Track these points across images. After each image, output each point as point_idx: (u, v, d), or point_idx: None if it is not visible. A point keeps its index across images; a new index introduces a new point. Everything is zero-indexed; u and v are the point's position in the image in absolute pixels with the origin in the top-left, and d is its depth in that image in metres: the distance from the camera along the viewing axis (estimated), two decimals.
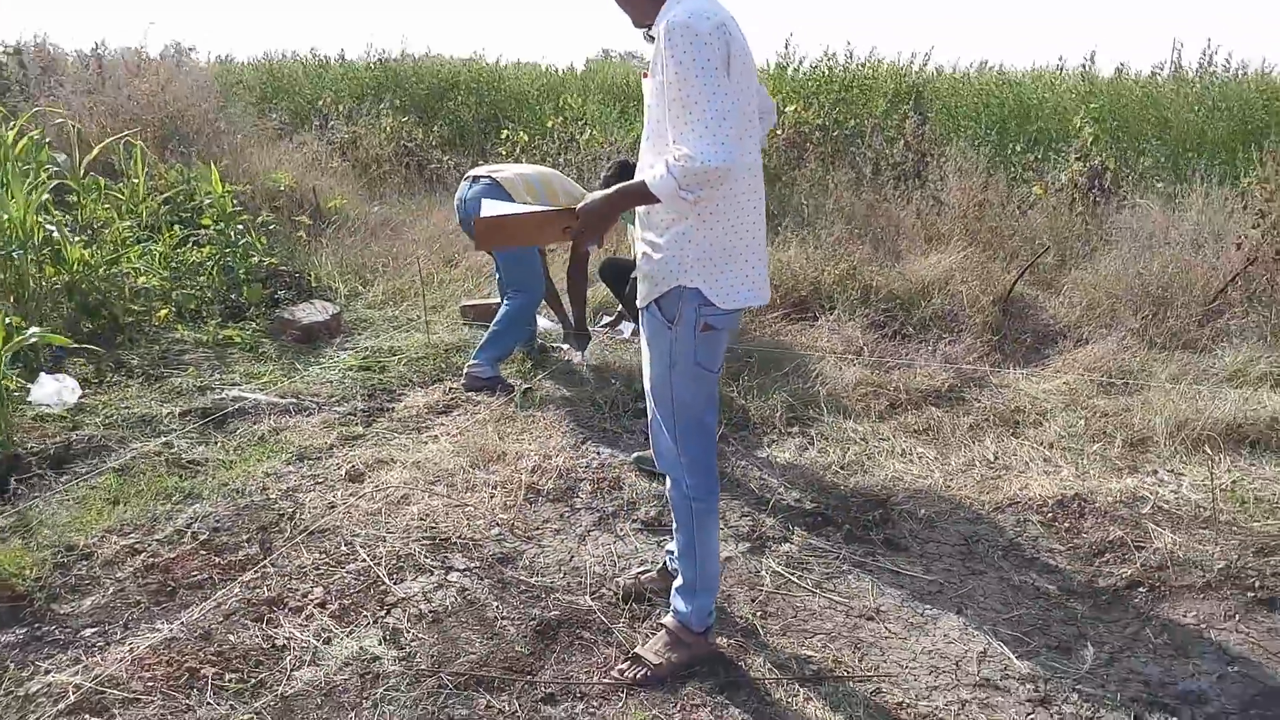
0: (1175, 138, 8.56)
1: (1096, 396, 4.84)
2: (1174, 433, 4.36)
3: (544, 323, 6.02)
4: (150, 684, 2.63)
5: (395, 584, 3.17)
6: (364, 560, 3.30)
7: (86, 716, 2.51)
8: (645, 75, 2.59)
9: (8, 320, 4.56)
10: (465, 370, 5.04)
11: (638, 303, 2.72)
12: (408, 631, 2.92)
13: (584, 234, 2.61)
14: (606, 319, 6.27)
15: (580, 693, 2.69)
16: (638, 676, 2.71)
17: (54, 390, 4.76)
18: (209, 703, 2.57)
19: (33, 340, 4.58)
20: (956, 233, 6.90)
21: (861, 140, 8.55)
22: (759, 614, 3.09)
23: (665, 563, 3.14)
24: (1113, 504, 3.77)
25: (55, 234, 5.66)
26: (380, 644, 2.86)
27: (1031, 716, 2.62)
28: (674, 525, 2.83)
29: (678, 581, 2.84)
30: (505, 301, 5.16)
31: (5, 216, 5.53)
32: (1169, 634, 3.00)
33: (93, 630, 2.90)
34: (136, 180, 6.94)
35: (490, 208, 2.80)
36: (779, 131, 8.22)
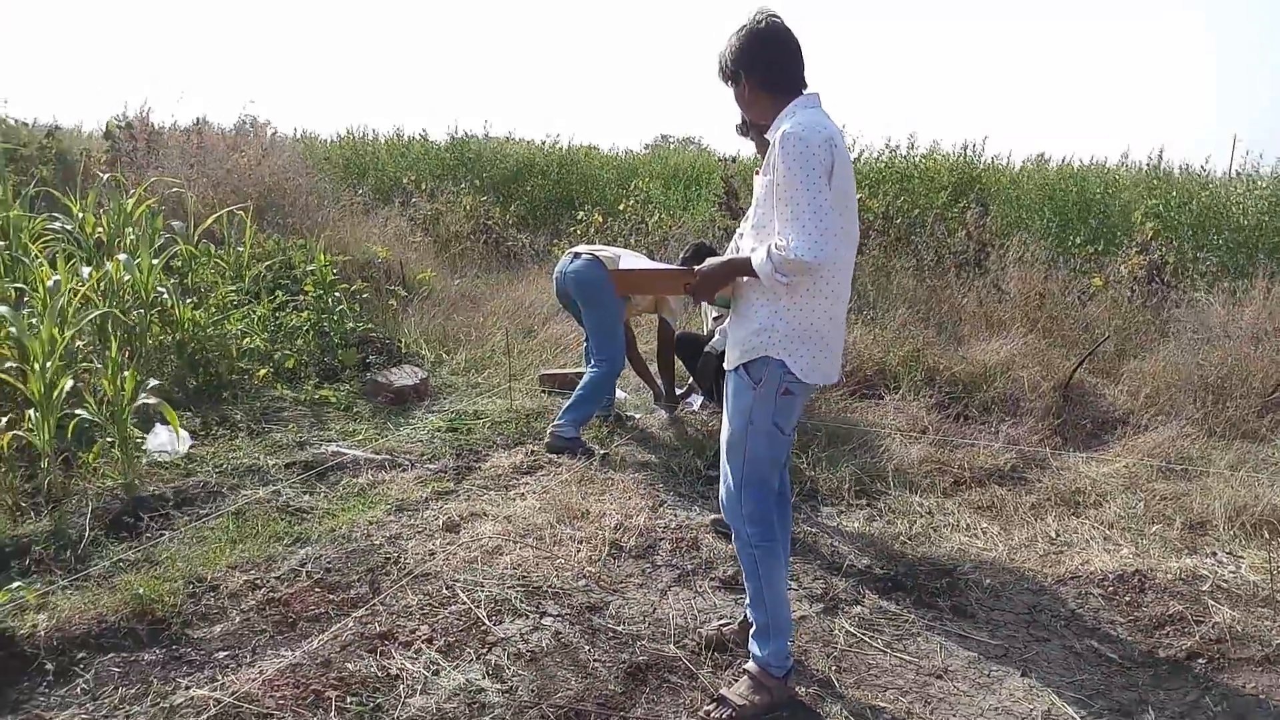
0: (1234, 234, 8.75)
1: (1156, 481, 5.00)
2: (1233, 517, 4.51)
3: (621, 394, 6.31)
4: (281, 702, 2.90)
5: (494, 625, 3.43)
6: (464, 603, 3.56)
7: None
8: (758, 173, 2.98)
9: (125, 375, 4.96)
10: (550, 431, 5.33)
11: (725, 365, 3.04)
12: (508, 668, 3.17)
13: (699, 290, 3.01)
14: (678, 391, 6.54)
15: None
16: (724, 716, 2.93)
17: (167, 440, 5.13)
18: None
19: (149, 397, 4.96)
20: (1017, 320, 7.12)
21: (923, 229, 8.86)
22: (834, 668, 3.29)
23: (746, 615, 3.37)
24: (1172, 581, 3.93)
25: (166, 296, 6.11)
26: (484, 678, 3.10)
27: None
28: (744, 576, 3.09)
29: (753, 628, 3.07)
30: (591, 369, 5.47)
31: (128, 279, 6.01)
32: (1228, 703, 3.15)
33: (225, 653, 3.19)
34: (242, 249, 7.41)
35: (628, 261, 3.29)
36: None
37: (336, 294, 6.92)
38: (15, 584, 3.45)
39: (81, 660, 3.09)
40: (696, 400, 6.36)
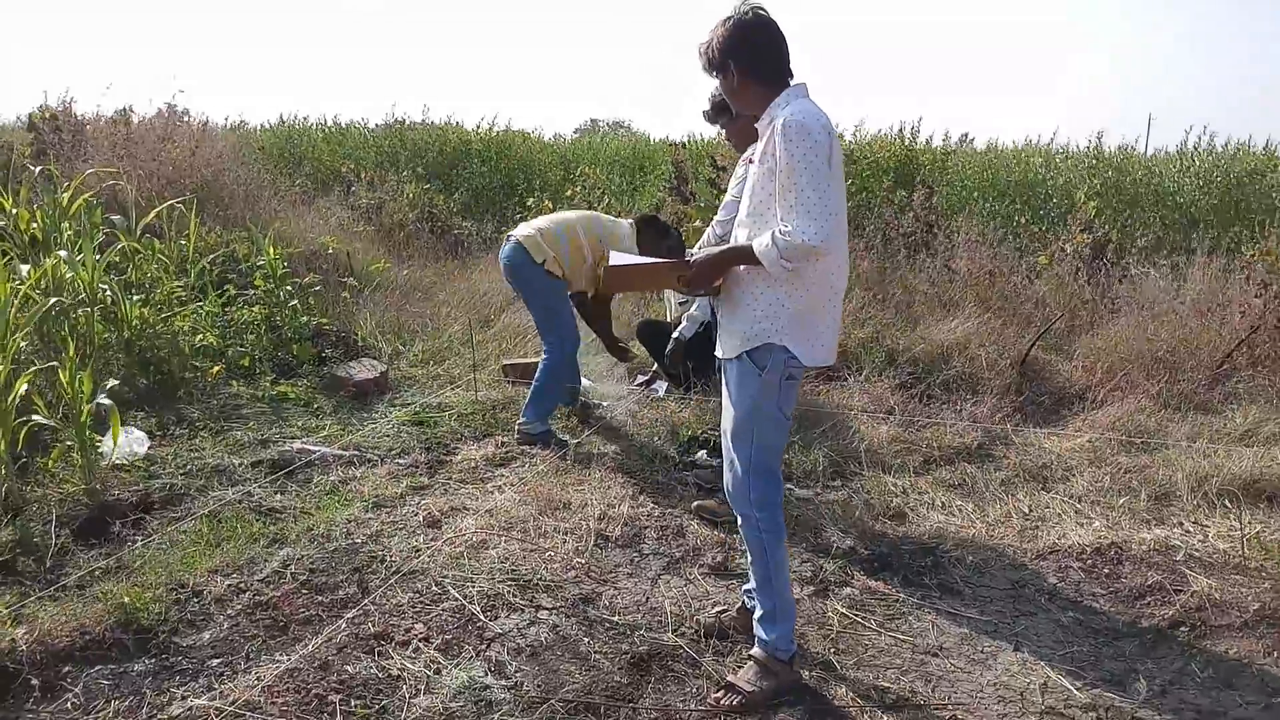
0: (1170, 211, 9.01)
1: (1118, 454, 5.12)
2: (1195, 487, 4.63)
3: (586, 382, 6.26)
4: (285, 709, 2.83)
5: (490, 620, 3.38)
6: (456, 599, 3.51)
7: None
8: (750, 161, 2.97)
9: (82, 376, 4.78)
10: (517, 427, 5.27)
11: (723, 353, 3.03)
12: (510, 664, 3.13)
13: (696, 281, 2.98)
14: (642, 378, 6.53)
15: (681, 718, 2.90)
16: (734, 703, 2.93)
17: (123, 442, 4.96)
18: None
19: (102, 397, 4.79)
20: (969, 299, 7.24)
21: (871, 211, 8.96)
22: (832, 650, 3.32)
23: (744, 602, 3.37)
24: (1147, 552, 4.03)
25: (109, 293, 5.89)
26: (487, 675, 3.06)
27: None
28: (749, 560, 3.10)
29: (758, 613, 3.08)
30: (543, 357, 5.39)
31: (70, 275, 5.79)
32: (1214, 669, 3.24)
33: (218, 661, 3.10)
34: (185, 242, 7.19)
35: (617, 258, 3.18)
36: None
37: (288, 287, 6.76)
38: None
39: (68, 674, 2.98)
40: (661, 386, 6.34)
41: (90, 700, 2.87)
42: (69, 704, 2.85)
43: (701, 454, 5.13)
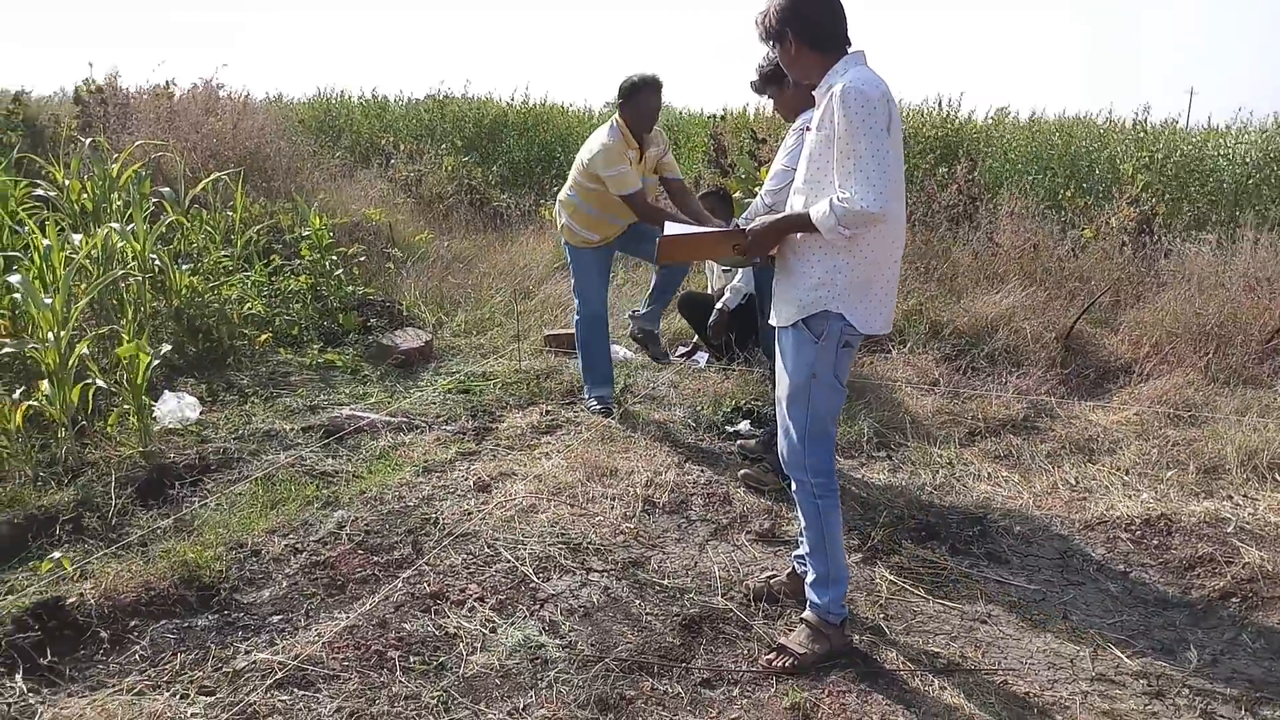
0: (1216, 188, 8.87)
1: (1165, 428, 5.09)
2: (1244, 461, 4.60)
3: (624, 352, 6.30)
4: (345, 664, 2.90)
5: (543, 582, 3.43)
6: (509, 561, 3.56)
7: (295, 690, 2.77)
8: (806, 129, 2.97)
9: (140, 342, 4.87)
10: (584, 406, 5.33)
11: (778, 321, 3.03)
12: (564, 624, 3.18)
13: (753, 249, 3.00)
14: (683, 349, 6.55)
15: (733, 679, 2.95)
16: (786, 665, 2.97)
17: (175, 407, 5.05)
18: (400, 681, 2.84)
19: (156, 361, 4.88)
20: (1013, 272, 7.18)
21: (913, 184, 8.87)
22: (881, 615, 3.34)
23: (794, 567, 3.40)
24: (1196, 524, 4.02)
25: (158, 263, 5.99)
26: (542, 634, 3.11)
27: (1149, 706, 2.86)
28: (802, 525, 3.12)
29: (810, 577, 3.11)
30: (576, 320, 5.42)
31: (121, 245, 5.88)
32: (1265, 639, 3.24)
33: (278, 617, 3.17)
34: (233, 213, 7.27)
35: (671, 228, 3.18)
36: None
37: (333, 257, 6.83)
38: (55, 554, 3.40)
39: (135, 628, 3.06)
40: (703, 358, 6.36)
41: (157, 653, 2.95)
42: (137, 656, 2.93)
43: (745, 424, 5.15)
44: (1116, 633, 3.28)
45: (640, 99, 4.90)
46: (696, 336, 6.45)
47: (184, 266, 6.20)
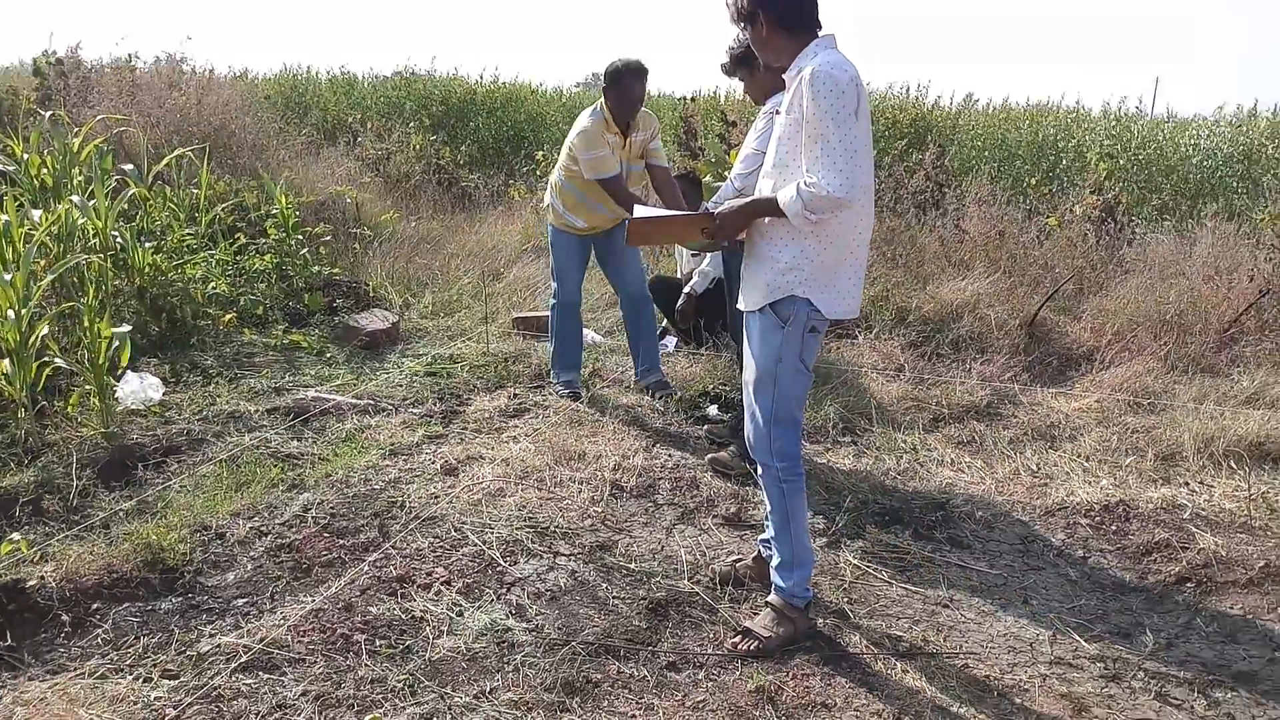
0: (1181, 179, 8.99)
1: (1125, 415, 5.17)
2: (1201, 449, 4.69)
3: (595, 336, 6.30)
4: (311, 647, 2.89)
5: (510, 565, 3.44)
6: (476, 545, 3.56)
7: (260, 673, 2.77)
8: (775, 112, 2.97)
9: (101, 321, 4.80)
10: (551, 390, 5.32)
11: (745, 306, 3.05)
12: (530, 607, 3.19)
13: (719, 234, 3.02)
14: None
15: (699, 662, 2.97)
16: (751, 648, 2.99)
17: (138, 387, 4.99)
18: (366, 664, 2.83)
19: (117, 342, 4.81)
20: (979, 259, 7.25)
21: (882, 169, 8.92)
22: (845, 599, 3.38)
23: (759, 551, 3.43)
24: (1154, 510, 4.09)
25: (120, 240, 5.89)
26: (509, 617, 3.12)
27: (1106, 689, 2.92)
28: (767, 509, 3.15)
29: (775, 560, 3.14)
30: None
31: (82, 221, 5.78)
32: (1219, 623, 3.31)
33: (243, 600, 3.16)
34: (197, 191, 7.17)
35: (641, 211, 3.18)
36: None
37: (299, 237, 6.76)
38: (14, 535, 3.36)
39: (97, 611, 3.04)
40: (671, 342, 6.38)
41: (120, 636, 2.93)
42: (99, 639, 2.91)
43: (713, 409, 5.17)
44: (1075, 617, 3.34)
45: (624, 85, 4.88)
46: (665, 320, 6.45)
47: (147, 244, 6.10)
